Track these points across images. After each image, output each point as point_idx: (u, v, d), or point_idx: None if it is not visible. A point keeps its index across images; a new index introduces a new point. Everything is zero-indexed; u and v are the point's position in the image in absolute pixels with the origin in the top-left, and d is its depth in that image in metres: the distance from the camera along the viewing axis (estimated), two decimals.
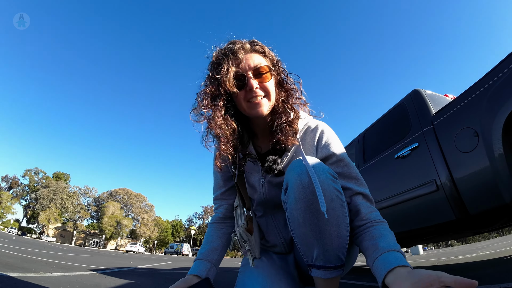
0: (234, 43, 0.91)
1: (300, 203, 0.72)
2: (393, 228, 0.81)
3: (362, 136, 3.09)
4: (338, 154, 0.88)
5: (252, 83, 0.86)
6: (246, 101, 0.88)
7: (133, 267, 4.75)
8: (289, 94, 0.94)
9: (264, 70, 0.88)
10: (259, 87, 0.87)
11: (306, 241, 0.75)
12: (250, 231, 0.94)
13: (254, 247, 0.97)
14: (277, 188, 0.94)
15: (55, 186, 45.26)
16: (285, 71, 0.96)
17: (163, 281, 2.89)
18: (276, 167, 0.90)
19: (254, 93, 0.86)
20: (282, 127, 0.88)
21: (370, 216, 0.78)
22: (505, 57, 1.51)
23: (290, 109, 0.92)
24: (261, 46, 0.93)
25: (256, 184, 0.97)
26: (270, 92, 0.89)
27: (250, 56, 0.89)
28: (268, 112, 0.91)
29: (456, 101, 1.77)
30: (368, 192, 0.84)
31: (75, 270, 3.17)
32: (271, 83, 0.91)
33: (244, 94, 0.88)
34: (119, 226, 46.45)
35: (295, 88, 0.95)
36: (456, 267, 3.08)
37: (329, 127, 0.97)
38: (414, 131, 2.10)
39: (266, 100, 0.89)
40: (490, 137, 1.44)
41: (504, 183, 1.39)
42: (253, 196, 1.00)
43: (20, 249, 5.58)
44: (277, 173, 0.92)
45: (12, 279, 1.92)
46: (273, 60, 0.94)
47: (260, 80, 0.88)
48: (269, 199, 0.97)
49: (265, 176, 0.95)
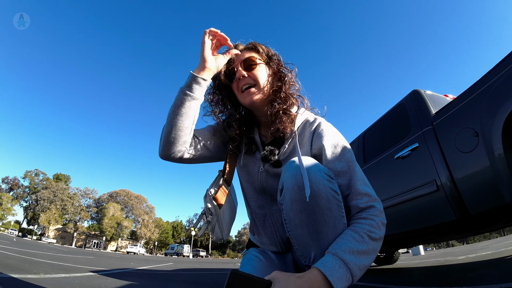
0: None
1: (296, 205, 0.71)
2: (394, 228, 0.80)
3: (362, 137, 3.09)
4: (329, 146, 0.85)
5: (240, 72, 0.96)
6: (240, 92, 0.98)
7: (133, 269, 4.75)
8: (284, 83, 0.98)
9: (252, 60, 0.97)
10: (248, 75, 0.96)
11: (303, 242, 0.74)
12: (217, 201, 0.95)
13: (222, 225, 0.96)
14: (274, 178, 0.95)
15: (55, 187, 45.23)
16: (280, 63, 1.02)
17: (163, 282, 2.89)
18: (272, 158, 0.93)
19: (243, 81, 0.96)
20: (278, 114, 0.93)
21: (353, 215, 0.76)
22: (505, 57, 1.51)
23: (285, 97, 0.96)
24: (253, 44, 1.01)
25: (255, 171, 1.00)
26: (259, 81, 0.95)
27: (243, 53, 1.00)
28: (259, 100, 0.97)
29: (456, 101, 1.77)
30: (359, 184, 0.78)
31: (75, 271, 3.17)
32: (262, 73, 0.97)
33: (236, 85, 0.98)
34: (120, 227, 46.40)
35: (291, 76, 1.01)
36: (456, 267, 3.08)
37: (328, 122, 0.97)
38: (414, 131, 2.09)
39: (256, 89, 0.95)
40: (490, 137, 1.44)
41: (504, 183, 1.39)
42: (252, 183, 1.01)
43: (21, 251, 5.58)
44: (274, 164, 0.94)
45: (13, 280, 1.93)
46: (268, 53, 1.01)
47: (249, 70, 0.96)
48: (265, 188, 0.98)
49: (263, 164, 0.97)
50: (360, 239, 0.67)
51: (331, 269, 0.60)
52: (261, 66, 0.98)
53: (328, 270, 0.60)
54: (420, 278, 2.53)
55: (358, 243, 0.66)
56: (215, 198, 0.95)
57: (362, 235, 0.68)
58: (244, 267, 0.99)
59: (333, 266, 0.61)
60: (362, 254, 0.66)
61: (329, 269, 0.60)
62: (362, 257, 0.65)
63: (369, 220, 0.72)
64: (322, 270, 0.60)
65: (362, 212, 0.75)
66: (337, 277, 0.60)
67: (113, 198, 51.59)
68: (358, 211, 0.76)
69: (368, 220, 0.72)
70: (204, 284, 2.79)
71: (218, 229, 0.97)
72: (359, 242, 0.67)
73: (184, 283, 2.94)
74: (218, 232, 0.97)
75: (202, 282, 3.05)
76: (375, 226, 0.71)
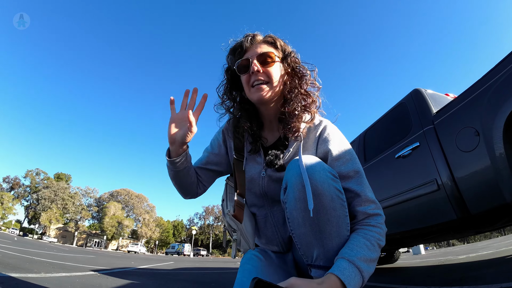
0: (248, 35, 0.96)
1: (300, 203, 0.71)
2: (394, 228, 0.80)
3: (363, 136, 3.08)
4: (335, 150, 0.86)
5: (254, 65, 0.89)
6: (250, 86, 0.92)
7: (134, 268, 4.76)
8: (302, 81, 0.94)
9: (270, 56, 0.91)
10: (262, 71, 0.90)
11: (306, 241, 0.74)
12: (237, 218, 0.90)
13: (247, 237, 0.92)
14: (276, 183, 0.94)
15: (56, 186, 45.35)
16: (298, 61, 0.96)
17: (164, 281, 2.89)
18: (277, 162, 0.91)
19: (256, 76, 0.90)
20: (295, 112, 0.90)
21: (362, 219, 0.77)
22: (506, 55, 1.50)
23: (304, 94, 0.93)
24: (273, 38, 0.96)
25: (256, 176, 0.97)
26: (273, 79, 0.91)
27: (260, 45, 0.94)
28: (269, 98, 0.92)
29: (457, 100, 1.76)
30: (367, 191, 0.81)
31: (76, 270, 3.18)
32: (276, 71, 0.92)
33: (248, 78, 0.92)
34: (121, 226, 46.50)
35: (309, 74, 0.96)
36: (457, 267, 3.08)
37: (333, 125, 0.96)
38: (415, 130, 2.09)
39: (268, 86, 0.91)
40: (491, 136, 1.43)
41: (505, 182, 1.38)
42: (251, 188, 0.99)
43: (22, 250, 5.60)
44: (278, 168, 0.92)
45: (14, 279, 1.93)
46: (286, 51, 0.96)
47: (265, 66, 0.91)
48: (267, 193, 0.97)
49: (266, 169, 0.95)
50: (372, 247, 0.71)
51: (349, 277, 0.62)
52: (277, 64, 0.93)
53: (347, 278, 0.62)
54: (420, 278, 2.53)
55: (370, 252, 0.69)
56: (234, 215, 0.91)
57: (373, 244, 0.71)
58: (244, 266, 0.99)
59: (350, 274, 0.63)
60: (372, 262, 0.69)
61: (348, 277, 0.62)
62: (371, 265, 0.69)
63: (378, 228, 0.75)
64: (341, 278, 0.62)
65: (370, 219, 0.77)
66: (353, 285, 0.62)
67: (114, 197, 51.69)
68: (366, 217, 0.77)
69: (377, 229, 0.75)
70: (205, 284, 2.79)
71: (244, 241, 0.94)
72: (371, 250, 0.70)
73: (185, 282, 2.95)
74: (245, 244, 0.95)
75: (203, 281, 3.05)
76: (382, 235, 0.75)
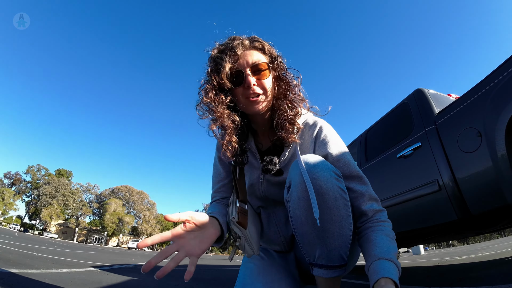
0: (234, 39, 0.89)
1: (303, 202, 0.71)
2: (395, 227, 0.80)
3: (364, 135, 3.07)
4: (335, 153, 0.85)
5: (250, 80, 0.84)
6: (244, 98, 0.87)
7: (134, 264, 4.78)
8: (288, 90, 0.91)
9: (263, 67, 0.87)
10: (257, 84, 0.86)
11: (309, 239, 0.74)
12: (242, 224, 0.88)
13: (251, 242, 0.91)
14: (276, 187, 0.93)
15: (57, 183, 45.51)
16: (284, 67, 0.93)
17: (164, 278, 2.90)
18: (273, 168, 0.89)
19: (252, 89, 0.85)
20: (283, 124, 0.87)
21: (371, 216, 0.78)
22: (509, 56, 1.49)
23: (290, 105, 0.90)
24: (260, 43, 0.90)
25: (255, 181, 0.96)
26: (268, 90, 0.88)
27: (250, 52, 0.88)
28: (265, 109, 0.90)
29: (459, 101, 1.76)
30: (371, 190, 0.82)
31: (77, 266, 3.20)
32: (269, 80, 0.89)
33: (242, 91, 0.87)
34: (121, 223, 46.70)
35: (295, 83, 0.93)
36: (457, 267, 3.08)
37: (328, 124, 0.95)
38: (417, 130, 2.08)
39: (264, 97, 0.87)
40: (493, 137, 1.43)
41: (507, 184, 1.38)
42: (252, 193, 0.99)
43: (22, 246, 5.62)
44: (275, 173, 0.91)
45: (14, 275, 1.94)
46: (273, 56, 0.92)
47: (258, 77, 0.86)
48: (268, 196, 0.96)
49: (263, 175, 0.94)
50: (392, 242, 0.74)
51: (395, 275, 0.64)
52: (269, 72, 0.89)
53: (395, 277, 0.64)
54: (420, 278, 2.53)
55: (393, 245, 0.73)
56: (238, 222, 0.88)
57: (392, 238, 0.75)
58: (246, 264, 1.00)
59: (395, 272, 0.65)
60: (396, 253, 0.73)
61: (395, 276, 0.64)
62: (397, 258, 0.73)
63: (388, 222, 0.79)
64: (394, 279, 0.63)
65: (379, 215, 0.79)
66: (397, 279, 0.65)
67: (115, 194, 51.88)
68: (374, 213, 0.79)
69: (388, 223, 0.79)
70: (205, 281, 2.80)
71: (248, 247, 0.92)
72: (393, 244, 0.74)
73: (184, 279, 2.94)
74: (249, 250, 0.93)
75: (203, 278, 3.06)
76: (392, 228, 0.79)
